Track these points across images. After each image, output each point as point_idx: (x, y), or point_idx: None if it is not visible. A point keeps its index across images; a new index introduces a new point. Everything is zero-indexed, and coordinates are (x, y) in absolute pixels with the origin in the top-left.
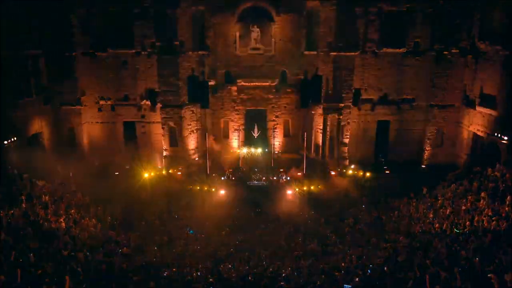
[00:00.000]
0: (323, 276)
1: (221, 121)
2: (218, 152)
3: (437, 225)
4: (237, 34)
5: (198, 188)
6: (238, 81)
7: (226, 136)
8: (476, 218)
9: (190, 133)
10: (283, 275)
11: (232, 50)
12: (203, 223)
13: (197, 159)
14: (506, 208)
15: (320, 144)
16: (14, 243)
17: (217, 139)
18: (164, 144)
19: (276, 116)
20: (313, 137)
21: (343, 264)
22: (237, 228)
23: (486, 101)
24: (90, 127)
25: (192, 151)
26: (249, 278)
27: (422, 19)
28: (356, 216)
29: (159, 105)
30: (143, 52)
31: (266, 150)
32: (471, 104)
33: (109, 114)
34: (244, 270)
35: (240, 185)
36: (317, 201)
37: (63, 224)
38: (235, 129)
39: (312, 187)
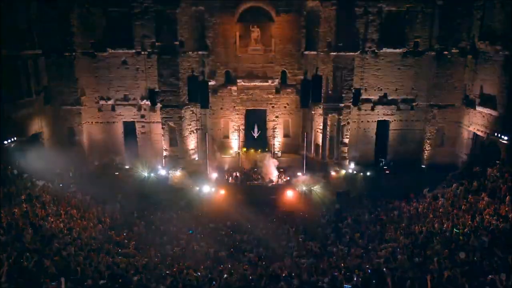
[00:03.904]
0: (323, 276)
1: (221, 121)
2: (218, 152)
3: (437, 225)
4: (237, 34)
5: (198, 188)
6: (238, 81)
7: (226, 136)
8: (476, 218)
9: (190, 133)
10: (283, 275)
11: (232, 50)
12: (203, 223)
13: (197, 159)
14: (506, 208)
15: (320, 144)
16: (14, 243)
17: (217, 139)
18: (164, 144)
19: (276, 116)
20: (313, 137)
21: (343, 264)
22: (237, 228)
23: (486, 101)
24: (90, 127)
25: (192, 151)
26: (249, 278)
27: (422, 19)
28: (356, 216)
29: (159, 105)
30: (143, 52)
31: (266, 150)
32: (471, 104)
33: (109, 114)
34: (244, 270)
35: (240, 185)
36: (317, 201)
37: (63, 225)
38: (235, 129)
39: (312, 187)
